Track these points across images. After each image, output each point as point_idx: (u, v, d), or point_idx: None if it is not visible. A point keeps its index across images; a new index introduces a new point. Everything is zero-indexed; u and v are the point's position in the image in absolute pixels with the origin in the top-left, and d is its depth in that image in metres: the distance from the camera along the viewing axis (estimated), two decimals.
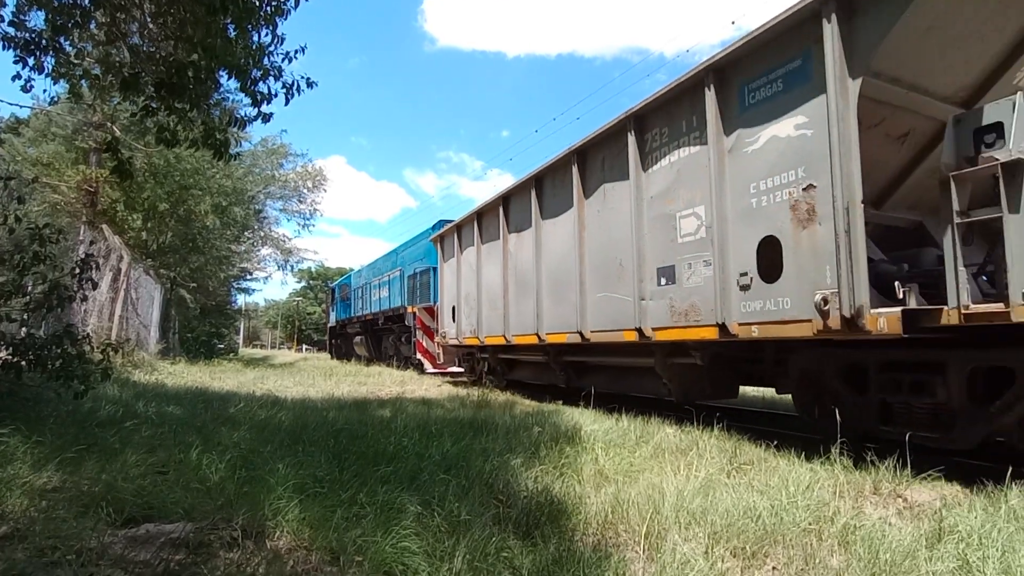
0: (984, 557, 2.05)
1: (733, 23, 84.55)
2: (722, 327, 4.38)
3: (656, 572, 2.05)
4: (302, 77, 4.92)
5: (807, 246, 3.76)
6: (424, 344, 12.76)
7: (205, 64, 4.39)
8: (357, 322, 19.64)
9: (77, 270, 4.63)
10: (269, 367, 15.33)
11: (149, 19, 4.78)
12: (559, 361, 7.45)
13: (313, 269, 48.85)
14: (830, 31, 3.57)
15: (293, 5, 4.59)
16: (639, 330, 5.33)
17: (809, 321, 3.71)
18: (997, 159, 2.99)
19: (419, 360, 13.15)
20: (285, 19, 4.73)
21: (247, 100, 4.80)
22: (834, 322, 3.54)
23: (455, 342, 10.35)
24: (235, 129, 5.29)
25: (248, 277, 30.33)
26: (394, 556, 2.02)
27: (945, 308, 3.17)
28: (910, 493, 2.98)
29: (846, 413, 3.83)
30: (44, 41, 4.49)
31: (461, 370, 11.81)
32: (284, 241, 27.11)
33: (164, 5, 4.51)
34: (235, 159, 5.44)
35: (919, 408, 3.57)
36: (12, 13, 4.37)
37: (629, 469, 3.38)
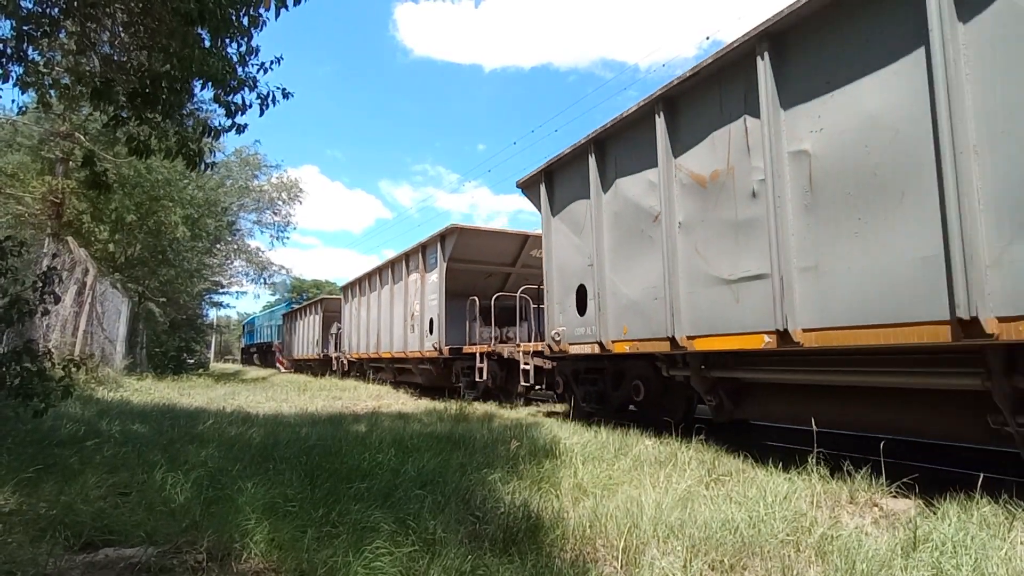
0: (958, 565, 2.08)
1: (708, 39, 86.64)
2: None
3: None
4: (278, 88, 4.86)
5: None
6: (280, 358, 28.34)
7: (179, 74, 4.30)
8: (255, 347, 36.90)
9: (39, 283, 4.46)
10: (241, 382, 14.94)
11: (120, 29, 4.68)
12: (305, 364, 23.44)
13: (288, 282, 48.11)
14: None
15: (274, 16, 4.51)
16: None
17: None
18: None
19: (278, 366, 28.31)
20: (260, 30, 4.67)
21: (221, 110, 4.72)
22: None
23: (291, 358, 25.57)
24: (209, 139, 5.18)
25: (221, 291, 29.84)
26: None
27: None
28: (885, 502, 3.02)
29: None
30: (10, 50, 4.35)
31: (292, 368, 25.42)
32: (258, 254, 26.65)
33: (136, 15, 4.42)
34: (210, 169, 5.32)
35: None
36: None
37: (608, 482, 3.35)
